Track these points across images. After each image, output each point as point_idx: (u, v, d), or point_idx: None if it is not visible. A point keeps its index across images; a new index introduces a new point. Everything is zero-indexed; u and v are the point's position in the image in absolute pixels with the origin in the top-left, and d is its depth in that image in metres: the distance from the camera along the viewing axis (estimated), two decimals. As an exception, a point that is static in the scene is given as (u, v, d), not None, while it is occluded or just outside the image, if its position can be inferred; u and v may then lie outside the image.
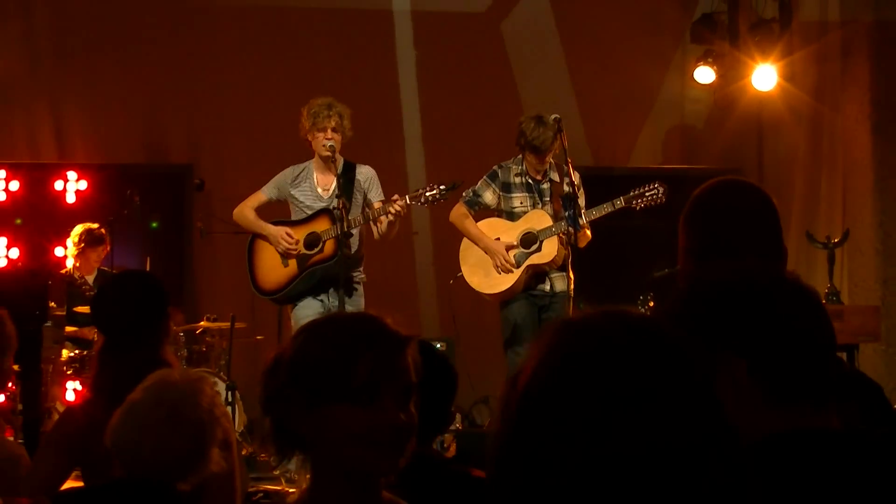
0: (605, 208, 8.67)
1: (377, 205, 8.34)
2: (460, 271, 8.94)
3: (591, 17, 12.43)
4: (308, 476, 2.83)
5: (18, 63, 11.63)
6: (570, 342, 1.69)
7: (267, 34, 12.07)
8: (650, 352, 1.67)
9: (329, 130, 8.45)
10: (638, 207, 8.75)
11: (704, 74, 11.85)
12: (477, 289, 8.87)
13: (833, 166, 11.16)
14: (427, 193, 8.42)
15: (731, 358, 2.33)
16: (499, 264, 8.69)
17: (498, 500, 1.69)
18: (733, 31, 11.76)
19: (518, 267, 8.67)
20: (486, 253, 8.76)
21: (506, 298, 8.77)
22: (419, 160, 11.63)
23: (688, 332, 2.12)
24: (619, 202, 8.70)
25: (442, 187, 8.44)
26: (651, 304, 9.40)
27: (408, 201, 8.34)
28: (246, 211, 8.72)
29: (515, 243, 8.68)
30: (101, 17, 11.82)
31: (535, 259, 8.66)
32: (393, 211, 8.19)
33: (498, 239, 8.73)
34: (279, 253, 8.56)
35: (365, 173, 8.57)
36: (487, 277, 8.80)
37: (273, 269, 8.60)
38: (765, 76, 11.32)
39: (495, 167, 8.89)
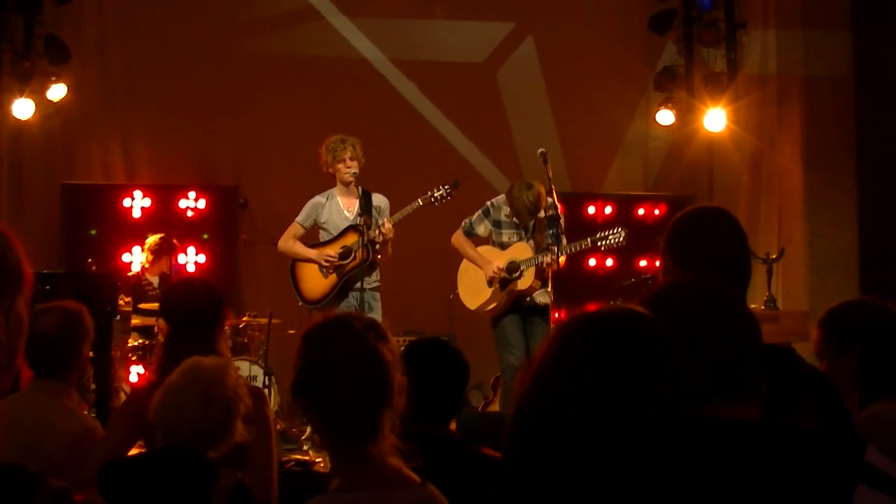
0: (575, 247, 8.66)
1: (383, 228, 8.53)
2: (457, 289, 9.07)
3: (572, 68, 12.47)
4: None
5: (95, 100, 11.72)
6: (571, 332, 1.82)
7: (301, 77, 12.16)
8: (632, 339, 1.80)
9: (348, 160, 8.60)
10: (603, 247, 8.78)
11: (665, 117, 11.93)
12: (468, 306, 9.01)
13: (770, 195, 11.17)
14: (436, 194, 8.72)
15: None
16: (491, 275, 8.78)
17: (514, 453, 1.78)
18: (689, 81, 11.84)
19: (502, 290, 8.74)
20: (481, 268, 8.86)
21: (493, 314, 8.85)
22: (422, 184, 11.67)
23: None
24: (586, 243, 8.69)
25: (447, 187, 8.75)
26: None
27: (420, 203, 8.61)
28: (290, 242, 8.90)
29: (502, 266, 8.75)
30: (163, 63, 11.94)
31: (515, 285, 8.72)
32: (384, 232, 8.46)
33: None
34: (323, 268, 8.73)
35: (381, 201, 8.75)
36: (477, 298, 8.93)
37: (315, 281, 8.83)
38: (715, 119, 11.39)
39: (488, 204, 8.98)
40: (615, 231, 8.73)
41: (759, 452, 2.18)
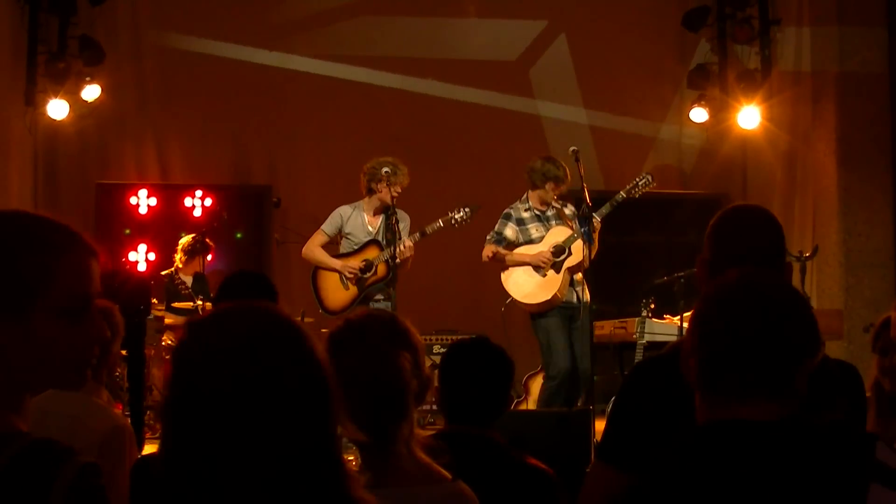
0: (611, 204, 8.77)
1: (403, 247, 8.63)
2: (509, 298, 8.96)
3: (605, 66, 12.45)
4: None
5: (129, 101, 11.75)
6: (185, 338, 1.85)
7: (333, 76, 12.18)
8: (253, 345, 1.83)
9: (399, 187, 8.66)
10: (637, 195, 8.84)
11: (698, 115, 11.89)
12: (533, 302, 8.83)
13: (805, 193, 11.11)
14: (456, 216, 8.81)
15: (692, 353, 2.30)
16: (542, 263, 8.74)
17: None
18: (723, 79, 11.80)
19: (558, 273, 8.70)
20: (529, 262, 8.81)
21: (550, 307, 8.77)
22: (452, 183, 11.61)
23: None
24: (621, 195, 8.82)
25: (467, 209, 8.81)
26: (652, 306, 9.37)
27: (441, 224, 8.74)
28: (315, 250, 9.02)
29: (548, 251, 8.73)
30: (197, 63, 11.98)
31: (569, 262, 8.69)
32: (404, 250, 8.56)
33: None
34: (346, 280, 8.86)
35: (403, 218, 8.81)
36: (539, 291, 8.81)
37: (336, 292, 8.99)
38: (749, 117, 11.34)
39: (506, 211, 9.00)
40: (642, 176, 8.94)
41: (770, 453, 2.14)
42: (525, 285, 8.87)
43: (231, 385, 1.77)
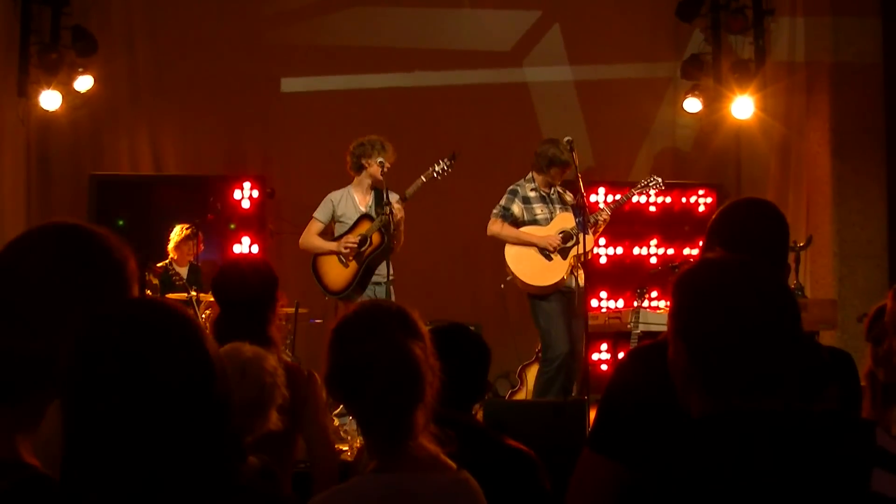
0: (622, 199, 9.21)
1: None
2: (509, 275, 8.92)
3: (599, 56, 12.44)
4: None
5: (122, 91, 11.74)
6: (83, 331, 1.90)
7: (328, 67, 12.19)
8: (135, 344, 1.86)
9: (388, 163, 8.75)
10: (646, 196, 9.04)
11: (692, 105, 11.88)
12: (536, 284, 8.80)
13: (799, 183, 11.12)
14: (437, 168, 8.88)
15: (678, 342, 2.30)
16: (550, 247, 8.74)
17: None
18: (717, 69, 11.80)
19: (564, 259, 8.72)
20: (536, 244, 8.78)
21: (552, 291, 8.78)
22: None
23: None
24: (632, 192, 9.21)
25: (446, 160, 8.90)
26: (646, 295, 9.43)
27: (423, 180, 8.80)
28: (311, 238, 9.08)
29: (557, 237, 8.75)
30: (190, 54, 11.96)
31: (576, 251, 8.67)
32: (394, 211, 8.62)
33: None
34: (343, 256, 8.87)
35: (393, 197, 8.83)
36: (546, 275, 8.78)
37: (337, 272, 8.97)
38: (742, 107, 11.35)
39: (512, 187, 8.97)
40: (653, 178, 9.35)
41: (777, 442, 2.15)
42: (530, 267, 8.82)
43: (123, 373, 1.81)
